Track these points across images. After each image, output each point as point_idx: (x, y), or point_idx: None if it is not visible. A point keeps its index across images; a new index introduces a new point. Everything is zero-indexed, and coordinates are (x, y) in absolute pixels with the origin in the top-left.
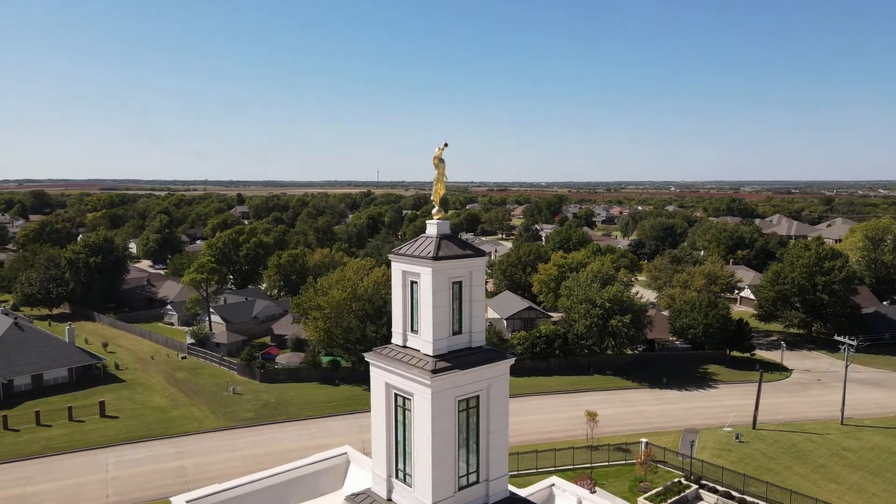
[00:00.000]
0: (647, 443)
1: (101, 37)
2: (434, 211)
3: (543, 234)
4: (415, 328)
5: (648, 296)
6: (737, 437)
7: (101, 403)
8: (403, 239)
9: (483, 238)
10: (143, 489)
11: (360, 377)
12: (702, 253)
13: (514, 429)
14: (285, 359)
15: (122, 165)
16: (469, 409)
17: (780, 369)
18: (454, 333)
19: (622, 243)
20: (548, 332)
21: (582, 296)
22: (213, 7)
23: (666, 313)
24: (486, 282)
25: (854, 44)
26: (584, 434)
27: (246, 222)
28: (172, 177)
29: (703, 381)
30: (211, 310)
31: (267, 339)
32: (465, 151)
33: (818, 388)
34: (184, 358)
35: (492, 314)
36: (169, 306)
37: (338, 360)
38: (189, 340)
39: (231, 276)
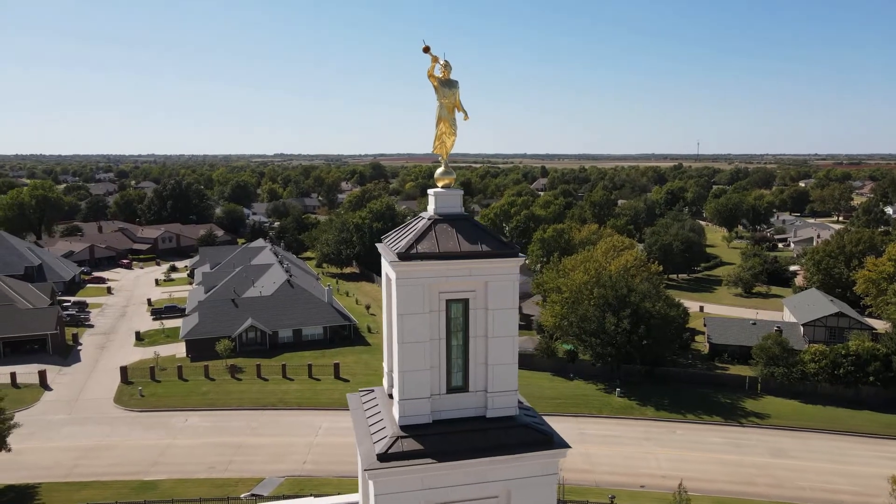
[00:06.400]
0: None
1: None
2: (438, 173)
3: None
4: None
5: None
6: None
7: (336, 365)
8: (703, 218)
9: (810, 220)
10: (335, 462)
11: (598, 374)
12: None
13: (778, 476)
14: (519, 342)
15: (465, 141)
16: None
17: None
18: (450, 390)
19: None
20: (860, 349)
21: None
22: None
23: None
24: (797, 274)
25: None
26: None
27: (541, 195)
28: (495, 150)
29: None
30: None
31: None
32: (802, 118)
33: None
34: None
35: (787, 317)
36: None
37: (575, 350)
38: None
39: None
